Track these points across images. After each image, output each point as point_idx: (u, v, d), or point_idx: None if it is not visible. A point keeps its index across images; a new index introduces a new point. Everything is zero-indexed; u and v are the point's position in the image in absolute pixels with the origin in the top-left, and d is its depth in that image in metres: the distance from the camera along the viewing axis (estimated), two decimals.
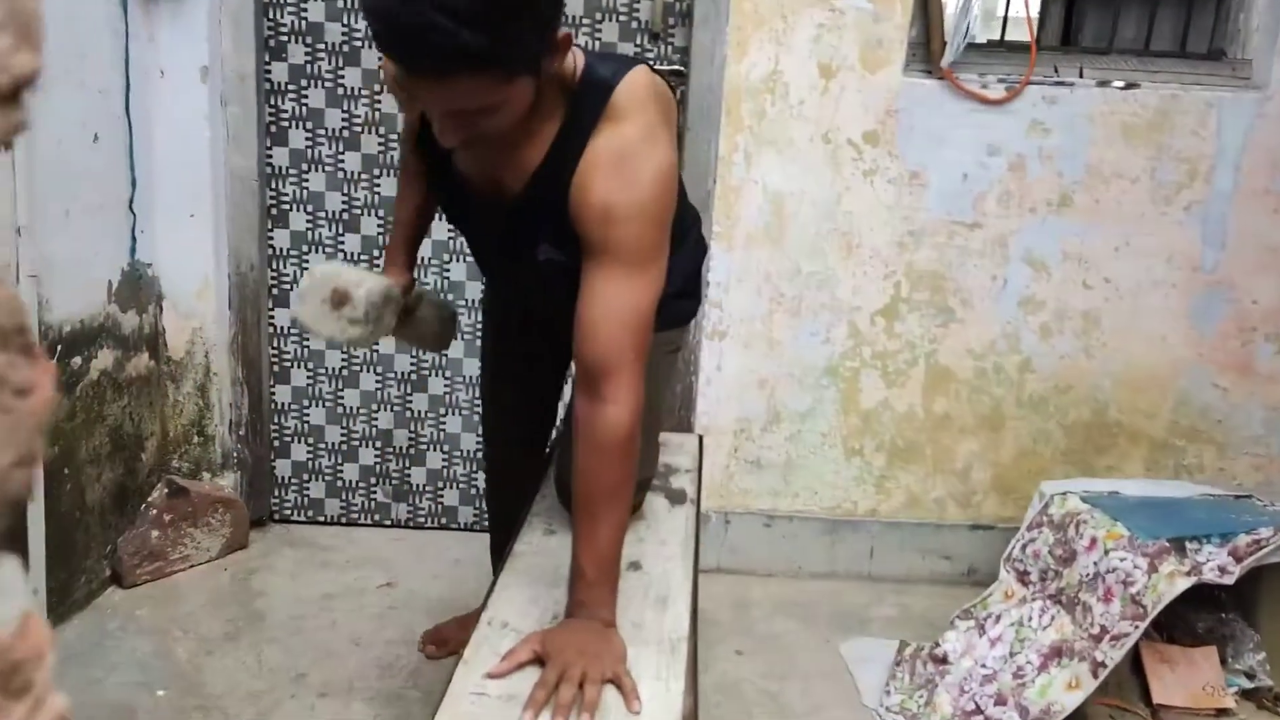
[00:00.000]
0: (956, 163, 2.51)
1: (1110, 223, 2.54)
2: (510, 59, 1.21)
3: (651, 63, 1.77)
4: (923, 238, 2.55)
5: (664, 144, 1.39)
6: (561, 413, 2.15)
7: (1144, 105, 2.49)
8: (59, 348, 2.22)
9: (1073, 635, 2.09)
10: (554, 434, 2.14)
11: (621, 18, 2.56)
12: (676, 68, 2.55)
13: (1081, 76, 2.51)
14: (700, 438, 2.30)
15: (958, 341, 2.61)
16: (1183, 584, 1.98)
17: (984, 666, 2.14)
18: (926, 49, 2.50)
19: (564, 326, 1.44)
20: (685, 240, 1.74)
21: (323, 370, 2.79)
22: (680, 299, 1.75)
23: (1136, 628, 1.98)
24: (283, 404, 2.81)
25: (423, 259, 2.68)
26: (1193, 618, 2.21)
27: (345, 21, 2.57)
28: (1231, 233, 2.54)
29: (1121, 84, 2.49)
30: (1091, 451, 2.67)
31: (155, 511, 2.54)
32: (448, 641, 2.30)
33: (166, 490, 2.57)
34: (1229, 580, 2.01)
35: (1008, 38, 2.59)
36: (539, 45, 1.25)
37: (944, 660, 2.20)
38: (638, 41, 2.57)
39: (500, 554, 2.22)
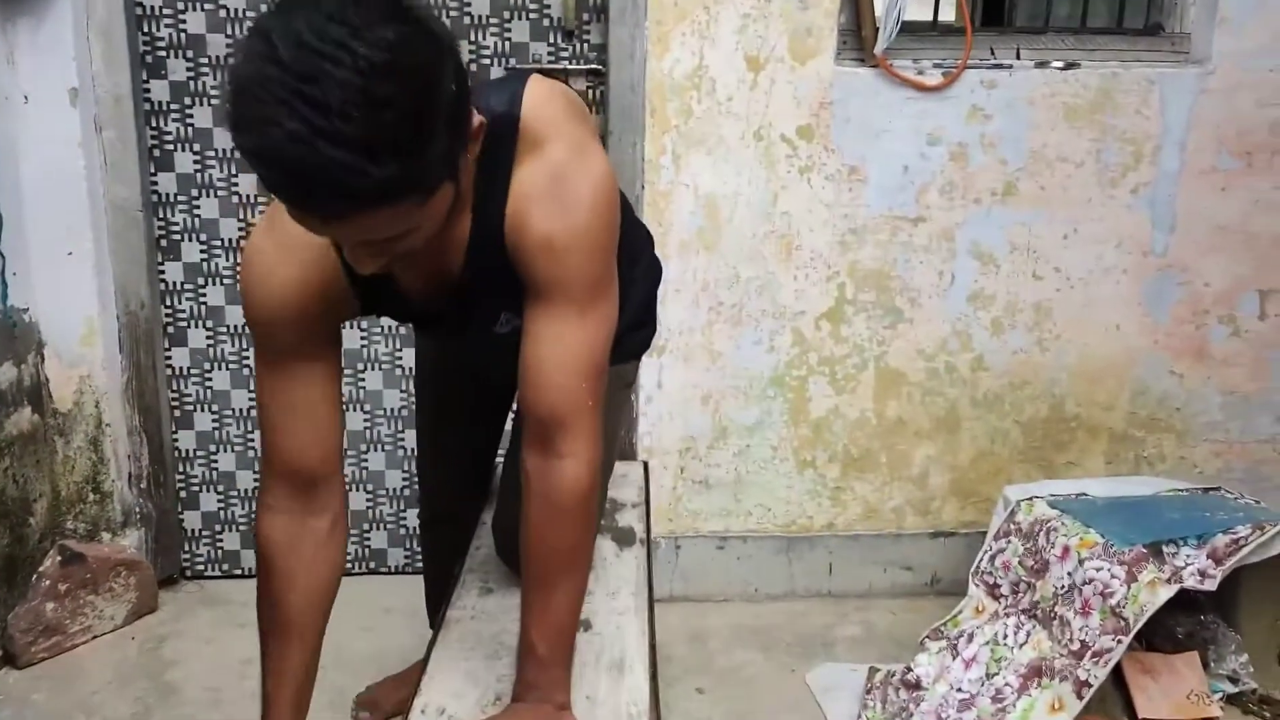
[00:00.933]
0: (896, 154, 2.38)
1: (1057, 209, 2.43)
2: (425, 178, 0.99)
3: (543, 69, 1.55)
4: (865, 235, 2.42)
5: (595, 155, 1.21)
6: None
7: (1085, 85, 2.38)
8: None
9: (1051, 652, 1.96)
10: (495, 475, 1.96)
11: (532, 15, 2.37)
12: (593, 66, 2.38)
13: (1019, 58, 2.39)
14: (645, 465, 2.13)
15: (907, 342, 2.48)
16: (1165, 593, 1.87)
17: (960, 691, 2.01)
18: (858, 35, 2.36)
19: (513, 372, 1.26)
20: (638, 264, 1.57)
21: (229, 412, 2.57)
22: (635, 330, 1.59)
23: (1120, 642, 1.87)
24: (187, 451, 2.58)
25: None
26: (1171, 622, 2.11)
27: (229, 32, 2.34)
28: (1180, 214, 2.45)
29: (1060, 64, 2.38)
30: (1051, 448, 2.56)
31: (48, 581, 2.30)
32: (380, 705, 2.12)
33: (59, 557, 2.32)
34: (1211, 586, 1.90)
35: (939, 19, 2.47)
36: (455, 149, 1.03)
37: (917, 685, 2.07)
38: (551, 40, 2.39)
39: (438, 612, 2.04)
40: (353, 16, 0.90)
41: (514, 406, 1.74)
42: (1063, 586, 2.00)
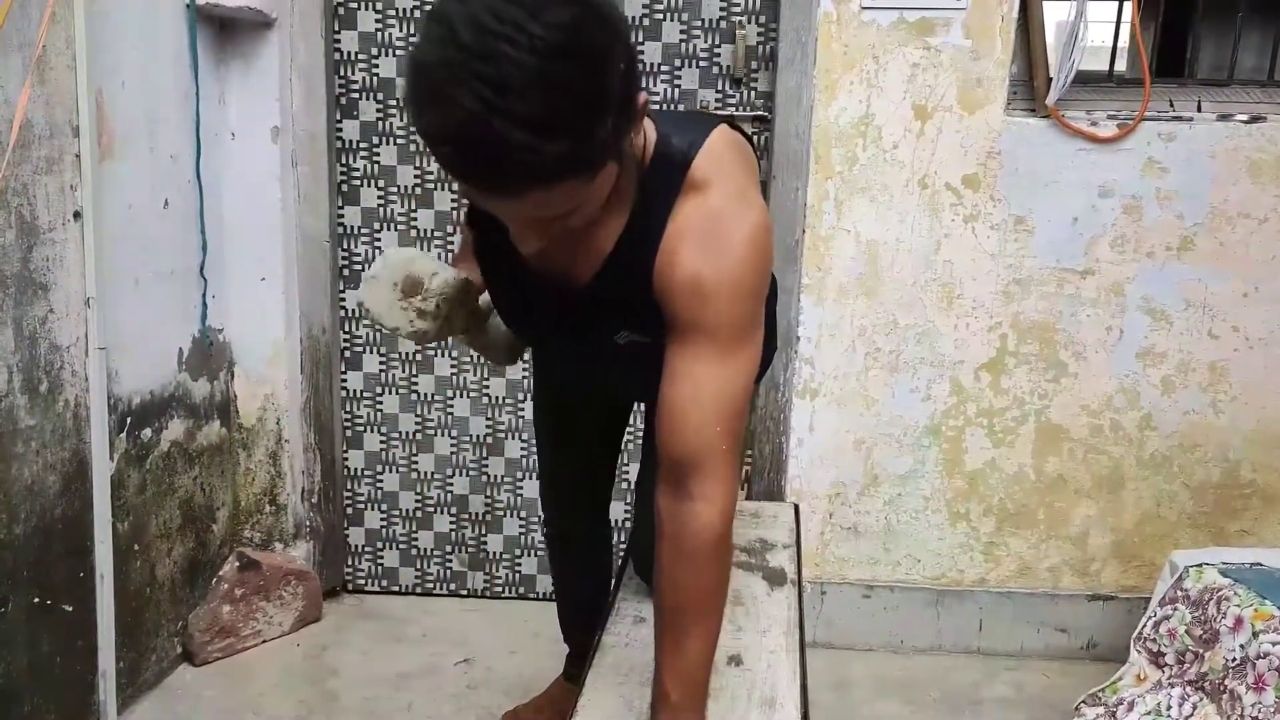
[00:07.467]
0: (1065, 206, 2.34)
1: (1237, 267, 2.34)
2: (595, 156, 1.01)
3: (732, 118, 1.55)
4: (1030, 286, 2.38)
5: (755, 205, 1.22)
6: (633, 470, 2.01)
7: (1271, 140, 2.29)
8: (128, 420, 2.15)
9: None
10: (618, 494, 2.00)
11: (702, 64, 2.44)
12: (760, 113, 2.42)
13: (1200, 110, 2.33)
14: (796, 507, 2.14)
15: (1070, 397, 2.42)
16: None
17: None
18: (1029, 86, 2.34)
19: (634, 391, 1.28)
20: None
21: (396, 435, 2.69)
22: None
23: None
24: (356, 470, 2.72)
25: None
26: None
27: None
28: None
29: (1245, 117, 2.30)
30: (1222, 515, 2.44)
31: (226, 585, 2.45)
32: None
33: (238, 563, 2.48)
34: None
35: (1115, 69, 2.42)
36: (621, 128, 1.05)
37: None
38: (719, 87, 2.45)
39: (568, 625, 2.09)
40: None
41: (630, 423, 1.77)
42: (1234, 659, 1.91)
